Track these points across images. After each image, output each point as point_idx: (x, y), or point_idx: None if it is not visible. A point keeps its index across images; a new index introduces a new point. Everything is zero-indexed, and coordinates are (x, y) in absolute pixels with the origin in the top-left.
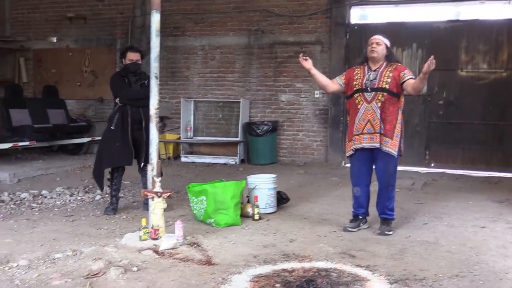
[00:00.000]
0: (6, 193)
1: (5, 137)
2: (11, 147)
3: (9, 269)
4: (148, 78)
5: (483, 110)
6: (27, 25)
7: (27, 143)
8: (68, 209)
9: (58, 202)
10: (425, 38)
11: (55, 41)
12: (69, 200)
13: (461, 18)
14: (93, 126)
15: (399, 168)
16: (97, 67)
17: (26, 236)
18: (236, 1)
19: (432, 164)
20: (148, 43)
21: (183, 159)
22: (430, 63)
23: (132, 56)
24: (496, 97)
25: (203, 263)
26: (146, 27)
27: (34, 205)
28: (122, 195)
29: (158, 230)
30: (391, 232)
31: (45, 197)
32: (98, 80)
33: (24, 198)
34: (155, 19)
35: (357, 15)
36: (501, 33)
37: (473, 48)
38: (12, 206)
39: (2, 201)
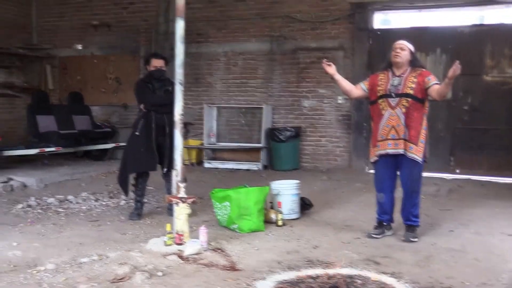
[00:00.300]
0: (33, 198)
1: (32, 143)
2: (38, 152)
3: (37, 272)
4: (172, 84)
5: (508, 115)
6: (53, 33)
7: (53, 149)
8: (94, 214)
9: (84, 207)
10: (449, 42)
11: (80, 48)
12: (94, 205)
13: (486, 22)
14: (117, 132)
15: (425, 174)
16: (121, 74)
17: (53, 241)
18: (258, 7)
19: (457, 170)
20: (171, 49)
21: (206, 165)
22: (456, 68)
23: (157, 63)
24: None
25: (227, 268)
26: (170, 34)
27: (60, 210)
28: (146, 200)
29: (182, 235)
30: (416, 239)
31: (71, 202)
32: (122, 87)
33: (50, 203)
34: (180, 26)
35: (380, 20)
36: None
37: (499, 53)
38: (39, 210)
39: (30, 206)
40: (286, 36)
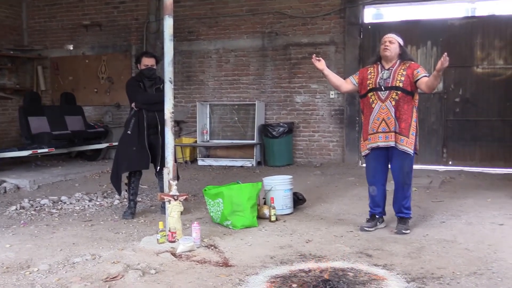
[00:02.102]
0: (26, 200)
1: (25, 144)
2: (31, 154)
3: (30, 273)
4: (163, 82)
5: (500, 107)
6: (44, 34)
7: (46, 150)
8: (87, 214)
9: (77, 208)
10: (440, 35)
11: (71, 48)
12: (88, 205)
13: (476, 14)
14: (111, 132)
15: (417, 166)
16: (113, 73)
17: (46, 241)
18: (249, 4)
19: (450, 162)
20: (163, 48)
21: (200, 162)
22: (444, 61)
23: (147, 61)
24: None
25: (220, 264)
26: (161, 33)
27: (54, 210)
28: (140, 199)
29: (175, 233)
30: (408, 231)
31: (65, 202)
32: (114, 86)
33: (44, 204)
34: (168, 24)
35: (371, 15)
36: None
37: (489, 44)
38: (32, 212)
39: (23, 208)
40: (278, 32)
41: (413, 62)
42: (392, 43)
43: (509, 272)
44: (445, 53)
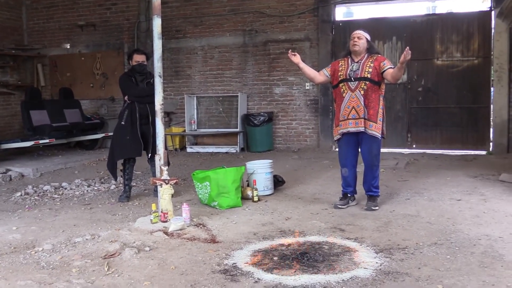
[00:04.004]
0: (30, 186)
1: (27, 136)
2: (33, 145)
3: (35, 253)
4: (153, 77)
5: (458, 95)
6: (42, 34)
7: (47, 140)
8: (86, 199)
9: (77, 193)
10: (404, 31)
11: (68, 47)
12: (87, 191)
13: (437, 12)
14: (106, 123)
15: (385, 150)
16: (107, 69)
17: (49, 224)
18: (231, 4)
19: (414, 146)
20: (152, 45)
21: (188, 149)
22: (406, 54)
23: (138, 58)
24: (469, 82)
25: (208, 241)
26: (150, 32)
27: (56, 196)
28: (134, 184)
29: (167, 213)
30: (376, 208)
31: (65, 188)
32: (109, 81)
33: (46, 190)
34: (157, 23)
35: (342, 13)
36: (472, 25)
37: (447, 39)
38: (36, 197)
39: (27, 193)
40: (257, 29)
41: (379, 55)
42: (360, 38)
43: (466, 242)
44: (407, 47)
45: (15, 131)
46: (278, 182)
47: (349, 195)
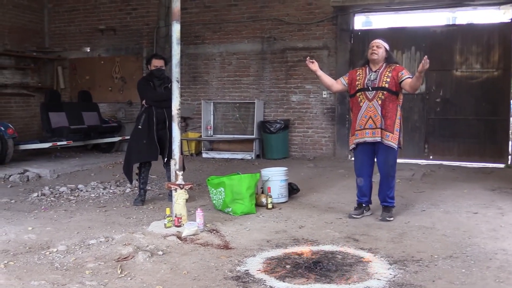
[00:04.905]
0: (47, 187)
1: (46, 137)
2: (51, 146)
3: (49, 253)
4: (171, 82)
5: (476, 107)
6: (63, 37)
7: (64, 142)
8: (101, 201)
9: (93, 195)
10: (423, 41)
11: (88, 51)
12: (102, 193)
13: (456, 22)
14: (123, 127)
15: (401, 160)
16: (126, 74)
17: (64, 225)
18: (250, 11)
19: (431, 157)
20: (171, 51)
21: (204, 155)
22: (425, 63)
23: (157, 63)
24: (488, 94)
25: (221, 247)
26: (169, 37)
27: (72, 197)
28: (149, 188)
29: (181, 218)
30: (391, 218)
31: (81, 190)
32: (127, 85)
33: (62, 192)
34: (176, 29)
35: (361, 22)
36: (492, 36)
37: (467, 50)
38: (52, 198)
39: (44, 194)
40: (276, 37)
41: (398, 65)
42: (379, 47)
43: (481, 255)
44: (425, 56)
45: (33, 132)
46: (292, 190)
47: (364, 205)
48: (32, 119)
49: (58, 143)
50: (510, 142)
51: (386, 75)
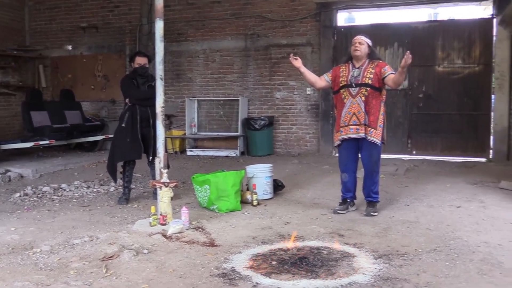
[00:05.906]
0: (29, 187)
1: (27, 137)
2: (33, 145)
3: (33, 254)
4: (154, 79)
5: (458, 102)
6: (44, 35)
7: (47, 142)
8: (85, 200)
9: (76, 194)
10: (405, 37)
11: (70, 49)
12: (86, 192)
13: (438, 18)
14: (106, 125)
15: (384, 156)
16: (109, 72)
17: (48, 225)
18: (233, 8)
19: (414, 152)
20: (154, 48)
21: (188, 153)
22: (407, 58)
23: (140, 60)
24: (470, 89)
25: (207, 245)
26: (152, 34)
27: (55, 197)
28: (133, 186)
29: (166, 216)
30: (376, 213)
31: (64, 190)
32: (110, 83)
33: (45, 191)
34: (159, 26)
35: (344, 18)
36: (473, 32)
37: (449, 46)
38: (35, 198)
39: (26, 194)
40: (259, 34)
41: (381, 61)
42: (362, 44)
43: (465, 248)
44: (408, 51)
45: (15, 132)
46: (277, 187)
47: (348, 200)
48: (13, 118)
49: (40, 143)
50: (491, 137)
51: (369, 71)
